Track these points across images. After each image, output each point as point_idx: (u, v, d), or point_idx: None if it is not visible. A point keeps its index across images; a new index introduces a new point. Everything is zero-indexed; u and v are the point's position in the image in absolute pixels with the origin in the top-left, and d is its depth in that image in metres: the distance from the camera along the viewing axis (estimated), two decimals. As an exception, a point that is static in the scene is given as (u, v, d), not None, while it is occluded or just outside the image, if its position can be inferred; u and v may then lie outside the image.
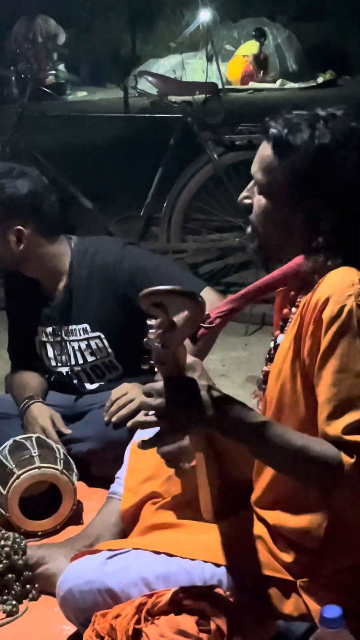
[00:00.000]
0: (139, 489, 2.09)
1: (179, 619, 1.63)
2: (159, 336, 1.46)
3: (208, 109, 4.46)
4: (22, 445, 2.44)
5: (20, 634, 1.98)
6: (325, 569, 1.71)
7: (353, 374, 1.54)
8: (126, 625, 1.63)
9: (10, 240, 2.62)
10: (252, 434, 1.53)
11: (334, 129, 1.65)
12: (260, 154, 1.73)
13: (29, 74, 4.67)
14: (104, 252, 2.71)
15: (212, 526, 1.84)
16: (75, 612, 1.78)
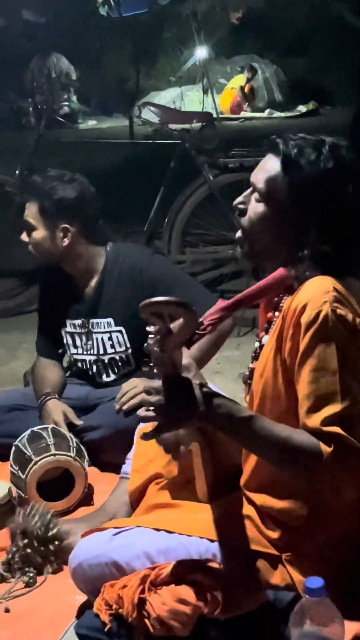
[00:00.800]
0: (145, 470, 2.09)
1: (179, 589, 1.63)
2: (157, 341, 1.47)
3: (204, 136, 4.47)
4: (39, 434, 2.44)
5: (36, 603, 1.98)
6: (308, 544, 1.71)
7: (329, 372, 1.53)
8: (132, 594, 1.63)
9: (57, 236, 2.65)
10: (240, 427, 1.53)
11: (338, 157, 1.65)
12: (265, 166, 1.71)
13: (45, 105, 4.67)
14: (134, 258, 2.74)
15: (206, 506, 1.85)
16: (85, 583, 1.79)
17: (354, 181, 1.65)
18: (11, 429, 2.61)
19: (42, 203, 2.64)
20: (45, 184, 2.66)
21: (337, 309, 1.56)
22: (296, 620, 1.42)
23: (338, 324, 1.55)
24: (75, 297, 2.77)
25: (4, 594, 2.00)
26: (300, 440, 1.51)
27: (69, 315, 2.78)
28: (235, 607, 1.62)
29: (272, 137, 1.72)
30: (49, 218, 2.64)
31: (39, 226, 2.66)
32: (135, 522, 1.85)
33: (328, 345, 1.54)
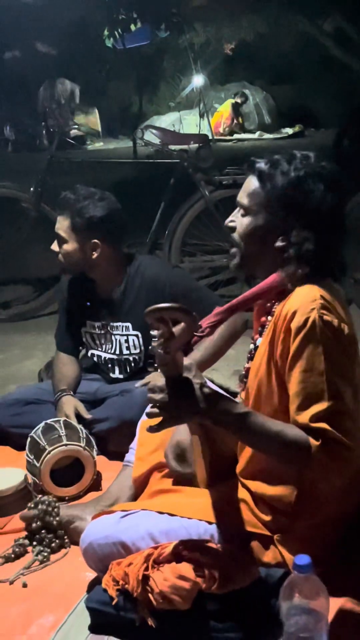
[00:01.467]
0: (148, 459, 2.09)
1: (179, 567, 1.63)
2: (161, 344, 1.48)
3: (201, 156, 4.47)
4: (52, 426, 2.44)
5: (50, 579, 1.98)
6: (297, 526, 1.71)
7: (316, 373, 1.54)
8: (137, 571, 1.63)
9: (86, 250, 2.63)
10: (236, 422, 1.53)
11: (307, 165, 1.67)
12: (245, 185, 1.74)
13: (56, 128, 4.67)
14: (155, 270, 2.73)
15: (205, 491, 1.85)
16: (95, 561, 1.78)
17: (323, 183, 1.65)
18: (27, 421, 2.61)
19: (74, 220, 2.61)
20: (78, 201, 2.63)
21: (324, 315, 1.56)
22: (286, 594, 1.42)
23: (325, 329, 1.55)
24: (97, 301, 2.76)
25: (22, 570, 2.00)
26: (291, 435, 1.51)
27: (90, 316, 2.78)
28: (230, 583, 1.62)
29: (251, 159, 1.75)
30: (80, 234, 2.62)
31: (70, 240, 2.64)
32: (140, 505, 1.85)
33: (316, 348, 1.55)
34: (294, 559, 1.41)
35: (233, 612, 1.61)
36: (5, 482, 2.32)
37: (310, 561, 1.40)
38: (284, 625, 1.43)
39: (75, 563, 1.95)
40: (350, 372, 1.62)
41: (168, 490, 1.93)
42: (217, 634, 1.60)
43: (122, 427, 2.47)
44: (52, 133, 4.62)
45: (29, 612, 1.83)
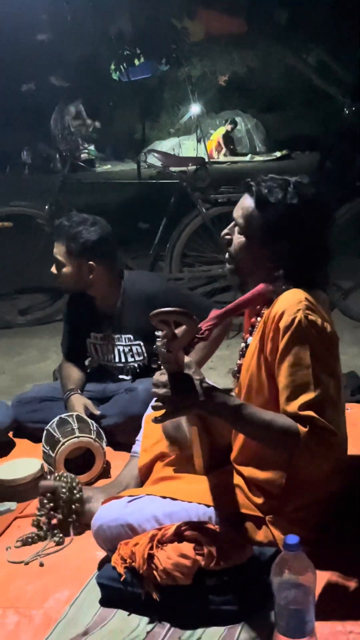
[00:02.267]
0: (152, 450, 2.09)
1: (181, 546, 1.63)
2: (164, 344, 1.50)
3: (198, 176, 4.49)
4: (66, 420, 2.44)
5: (65, 558, 1.97)
6: (286, 508, 1.71)
7: (303, 367, 1.54)
8: (142, 550, 1.64)
9: (83, 272, 2.61)
10: (232, 413, 1.54)
11: (300, 193, 1.66)
12: (243, 204, 1.73)
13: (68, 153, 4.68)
14: (150, 284, 2.71)
15: (203, 478, 1.84)
16: (105, 542, 1.78)
17: (314, 212, 1.65)
18: (42, 416, 2.61)
19: (69, 245, 2.58)
20: (72, 227, 2.59)
21: (309, 315, 1.57)
22: (277, 570, 1.42)
23: (310, 327, 1.56)
24: (97, 315, 2.74)
25: (39, 551, 2.00)
26: (282, 423, 1.52)
27: (93, 329, 2.76)
28: (227, 560, 1.62)
29: (247, 179, 1.73)
30: (76, 258, 2.59)
31: (67, 263, 2.61)
32: (145, 491, 1.85)
33: (302, 345, 1.55)
34: (284, 538, 1.41)
35: (229, 587, 1.61)
36: (24, 471, 2.32)
37: (298, 540, 1.40)
38: (275, 599, 1.43)
39: (86, 543, 1.95)
40: (333, 366, 1.63)
41: (170, 477, 1.93)
42: (215, 606, 1.60)
43: (128, 421, 2.47)
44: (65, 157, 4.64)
45: (46, 588, 1.83)
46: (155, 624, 1.61)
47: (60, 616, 1.69)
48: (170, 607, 1.62)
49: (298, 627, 1.41)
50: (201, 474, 1.87)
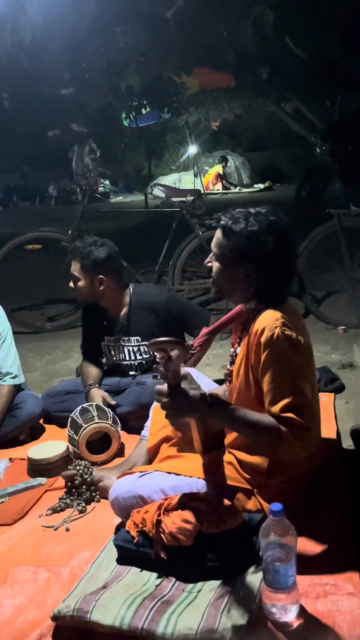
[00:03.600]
0: (158, 434, 2.09)
1: (183, 513, 1.62)
2: (162, 364, 1.52)
3: (195, 205, 4.50)
4: (87, 409, 2.43)
5: (87, 523, 1.97)
6: (271, 482, 1.71)
7: (282, 375, 1.55)
8: (152, 517, 1.63)
9: (95, 284, 2.62)
10: (224, 415, 1.55)
11: (260, 221, 1.64)
12: (216, 235, 1.72)
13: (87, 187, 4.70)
14: (153, 294, 2.71)
15: (202, 456, 1.84)
16: (120, 510, 1.78)
17: (272, 235, 1.63)
18: (67, 406, 2.60)
19: (83, 262, 2.61)
20: (84, 248, 2.62)
21: (285, 331, 1.57)
22: (263, 533, 1.42)
23: (286, 342, 1.56)
24: (109, 322, 2.74)
25: (65, 518, 1.99)
26: (266, 422, 1.53)
27: (106, 333, 2.75)
28: (222, 525, 1.61)
29: (218, 214, 1.72)
30: (88, 272, 2.61)
31: (81, 278, 2.62)
32: (153, 468, 1.84)
33: (280, 358, 1.55)
34: (269, 506, 1.41)
35: (225, 547, 1.60)
36: (52, 451, 2.32)
37: (282, 508, 1.40)
38: (263, 557, 1.42)
39: (105, 512, 1.94)
40: (307, 371, 1.63)
41: (174, 456, 1.92)
42: (212, 563, 1.59)
43: (139, 409, 2.46)
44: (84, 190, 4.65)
45: (71, 549, 1.82)
46: (162, 578, 1.60)
47: (83, 573, 1.68)
48: (175, 565, 1.61)
49: (282, 581, 1.40)
50: (200, 454, 1.87)
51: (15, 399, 2.62)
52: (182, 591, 1.55)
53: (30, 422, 2.62)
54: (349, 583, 1.51)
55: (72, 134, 10.90)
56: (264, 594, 1.44)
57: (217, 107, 13.29)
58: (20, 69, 5.07)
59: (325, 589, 1.51)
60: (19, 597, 1.64)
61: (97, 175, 11.74)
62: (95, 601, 1.50)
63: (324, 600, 1.48)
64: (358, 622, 1.41)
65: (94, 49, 5.26)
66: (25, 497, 2.14)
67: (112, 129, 12.78)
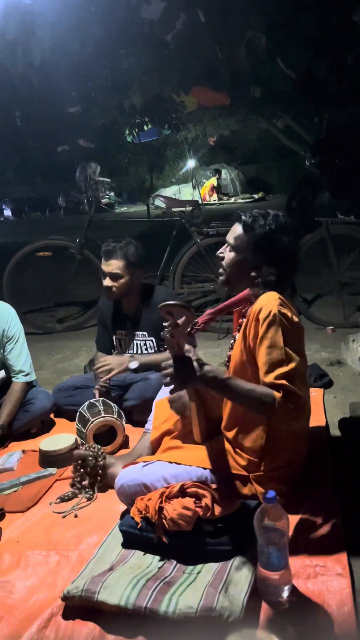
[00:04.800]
0: (161, 427, 2.08)
1: (184, 500, 1.63)
2: (169, 331, 1.49)
3: (194, 215, 4.48)
4: (94, 404, 2.43)
5: (94, 510, 1.97)
6: (265, 469, 1.71)
7: (277, 347, 1.56)
8: (154, 504, 1.63)
9: (135, 279, 2.62)
10: (222, 384, 1.55)
11: (277, 222, 1.71)
12: (233, 229, 1.77)
13: (93, 198, 4.69)
14: (162, 294, 2.70)
15: (201, 447, 1.84)
16: (125, 497, 1.78)
17: (286, 235, 1.70)
18: (76, 400, 2.60)
19: (128, 259, 2.58)
20: (126, 246, 2.60)
21: (282, 309, 1.60)
22: (258, 518, 1.42)
23: (282, 317, 1.59)
24: (122, 316, 2.74)
25: (74, 505, 1.99)
26: (260, 390, 1.53)
27: (118, 327, 2.76)
28: (220, 510, 1.61)
29: (238, 211, 1.78)
30: (132, 269, 2.59)
31: (124, 274, 2.59)
32: (156, 457, 1.84)
33: (277, 330, 1.57)
34: (264, 493, 1.41)
35: (222, 532, 1.60)
36: (62, 443, 2.31)
37: (275, 494, 1.40)
38: (258, 540, 1.42)
39: (111, 499, 1.94)
40: (300, 347, 1.65)
41: (175, 447, 1.92)
42: (211, 547, 1.59)
43: (143, 404, 2.46)
44: (91, 202, 4.64)
45: (80, 534, 1.82)
46: (165, 561, 1.60)
47: (91, 556, 1.68)
48: (176, 548, 1.61)
49: (276, 562, 1.40)
50: (199, 442, 1.87)
51: (27, 395, 2.62)
52: (183, 573, 1.55)
53: (41, 416, 2.61)
54: (337, 564, 1.51)
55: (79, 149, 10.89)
56: (259, 574, 1.44)
57: (214, 123, 13.29)
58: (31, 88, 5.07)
59: (315, 570, 1.51)
60: (31, 578, 1.64)
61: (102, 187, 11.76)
62: (102, 582, 1.50)
63: (314, 581, 1.48)
64: (346, 601, 1.41)
65: (99, 69, 5.26)
66: (37, 486, 2.13)
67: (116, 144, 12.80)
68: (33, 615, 1.50)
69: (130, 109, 6.19)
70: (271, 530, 1.39)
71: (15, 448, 2.47)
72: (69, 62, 4.56)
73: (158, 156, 17.51)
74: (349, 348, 3.33)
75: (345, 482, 1.90)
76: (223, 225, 4.15)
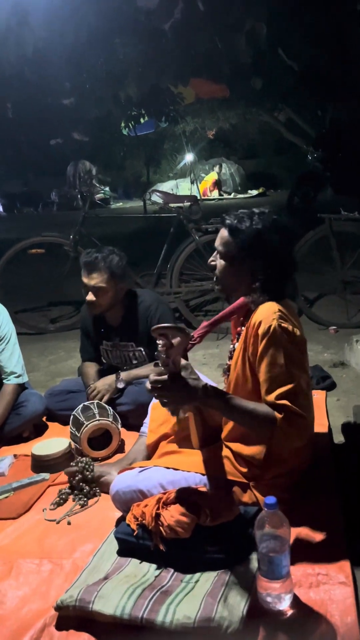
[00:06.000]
0: (157, 430, 2.08)
1: (181, 507, 1.62)
2: (163, 351, 1.49)
3: (192, 211, 4.48)
4: (88, 407, 2.43)
5: (88, 517, 1.97)
6: (266, 476, 1.71)
7: (278, 365, 1.55)
8: (151, 510, 1.63)
9: (119, 292, 2.57)
10: (222, 404, 1.54)
11: (264, 219, 1.66)
12: (220, 235, 1.73)
13: (87, 193, 4.68)
14: (145, 300, 2.66)
15: (199, 452, 1.84)
16: (120, 504, 1.78)
17: (276, 233, 1.64)
18: (70, 404, 2.60)
19: (112, 272, 2.51)
20: (108, 258, 2.52)
21: (282, 323, 1.57)
22: (259, 525, 1.42)
23: (283, 333, 1.56)
24: (107, 327, 2.71)
25: (67, 512, 1.99)
26: (262, 410, 1.52)
27: (104, 338, 2.74)
28: (219, 517, 1.61)
29: (222, 215, 1.73)
30: (117, 282, 2.54)
31: (109, 288, 2.53)
32: (153, 463, 1.84)
33: (277, 348, 1.55)
34: (264, 499, 1.41)
35: (221, 539, 1.60)
36: (55, 448, 2.31)
37: (276, 501, 1.40)
38: (258, 548, 1.42)
39: (106, 506, 1.94)
40: (302, 363, 1.63)
41: (172, 452, 1.92)
42: (210, 555, 1.59)
43: (138, 407, 2.45)
44: (85, 197, 4.63)
45: (74, 542, 1.82)
46: (162, 569, 1.60)
47: (85, 564, 1.68)
48: (173, 556, 1.61)
49: (276, 571, 1.41)
50: (197, 449, 1.87)
51: (19, 397, 2.62)
52: (181, 582, 1.55)
53: (33, 419, 2.62)
54: (340, 573, 1.52)
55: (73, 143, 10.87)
56: (259, 583, 1.44)
57: (213, 116, 13.31)
58: (23, 79, 5.06)
59: (317, 579, 1.51)
60: (23, 588, 1.64)
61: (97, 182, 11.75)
62: (97, 591, 1.50)
63: (316, 590, 1.48)
64: (349, 610, 1.41)
65: (94, 60, 5.25)
66: (29, 492, 2.13)
67: (111, 137, 12.80)
68: (25, 626, 1.50)
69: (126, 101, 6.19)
70: (272, 538, 1.40)
71: (6, 452, 2.47)
72: (63, 52, 4.55)
73: (155, 150, 17.53)
74: (353, 349, 3.33)
75: (349, 488, 1.91)
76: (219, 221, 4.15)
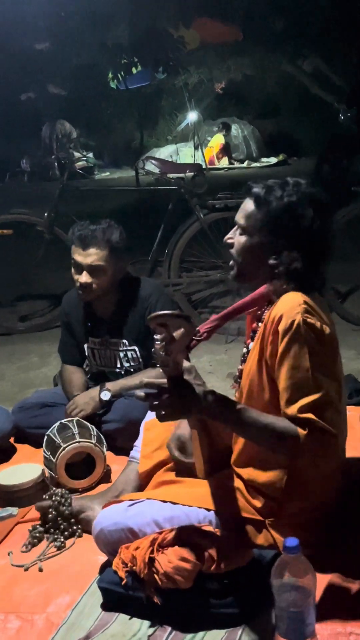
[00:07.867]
0: (152, 456, 2.08)
1: (181, 550, 1.63)
2: (163, 347, 1.46)
3: (195, 183, 4.48)
4: (66, 425, 2.43)
5: (66, 562, 1.97)
6: (286, 512, 1.71)
7: (303, 369, 1.54)
8: (143, 554, 1.63)
9: (118, 272, 2.59)
10: (232, 417, 1.53)
11: (299, 192, 1.67)
12: (243, 207, 1.74)
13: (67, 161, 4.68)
14: (145, 287, 2.67)
15: (204, 481, 1.84)
16: (106, 545, 1.78)
17: (313, 209, 1.65)
18: (44, 421, 2.60)
19: (113, 246, 2.52)
20: (107, 230, 2.54)
21: (308, 318, 1.56)
22: (277, 573, 1.42)
23: (308, 330, 1.55)
24: (95, 320, 2.72)
25: (39, 556, 1.99)
26: (281, 426, 1.51)
27: (91, 334, 2.74)
28: (227, 564, 1.62)
29: (248, 183, 1.74)
30: (117, 257, 2.55)
31: (108, 267, 2.54)
32: (145, 495, 1.84)
33: (301, 348, 1.54)
34: (284, 541, 1.41)
35: (230, 590, 1.61)
36: (25, 476, 2.31)
37: (298, 542, 1.40)
38: (276, 601, 1.42)
39: (88, 548, 1.94)
40: (332, 368, 1.62)
41: (170, 482, 1.92)
42: (216, 609, 1.59)
43: (128, 426, 2.45)
44: (63, 165, 4.64)
45: (48, 593, 1.82)
46: (156, 627, 1.61)
47: (62, 621, 1.68)
48: (171, 611, 1.61)
49: (299, 629, 1.41)
50: (202, 477, 1.87)
51: (-20, 413, 2.62)
52: (180, 642, 1.55)
53: (-2, 441, 2.62)
54: (378, 632, 1.52)
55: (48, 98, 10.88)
56: (277, 645, 1.45)
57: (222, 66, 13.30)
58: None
59: (350, 639, 1.51)
60: (-16, 649, 1.64)
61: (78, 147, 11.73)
62: (76, 655, 1.51)
63: (348, 653, 1.48)
64: None
65: (75, -5, 5.25)
66: (-8, 531, 2.14)
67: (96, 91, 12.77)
68: None
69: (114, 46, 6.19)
70: (293, 589, 1.40)
71: (-36, 482, 2.47)
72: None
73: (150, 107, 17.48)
74: (394, 355, 3.33)
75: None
76: (233, 197, 4.15)
